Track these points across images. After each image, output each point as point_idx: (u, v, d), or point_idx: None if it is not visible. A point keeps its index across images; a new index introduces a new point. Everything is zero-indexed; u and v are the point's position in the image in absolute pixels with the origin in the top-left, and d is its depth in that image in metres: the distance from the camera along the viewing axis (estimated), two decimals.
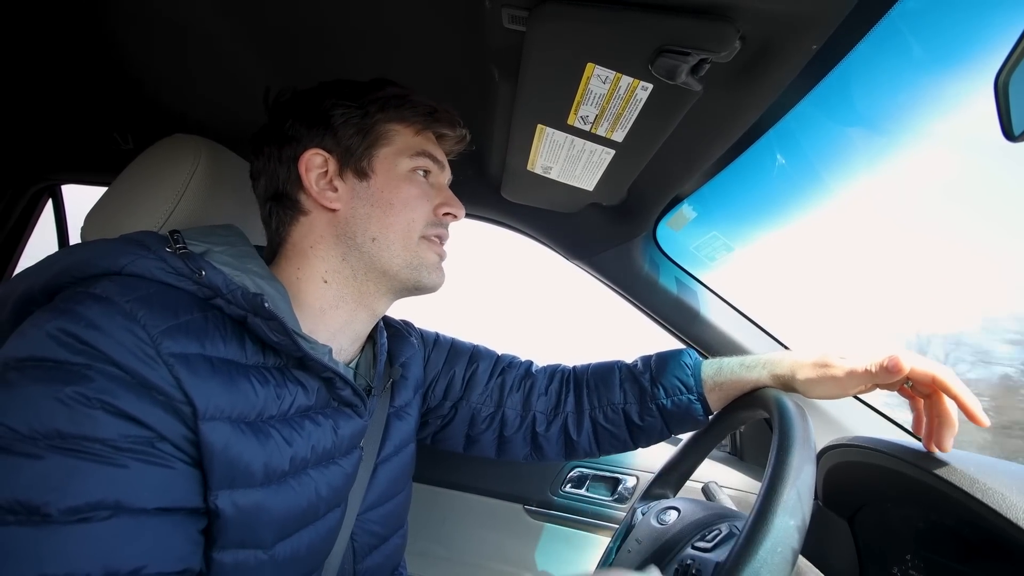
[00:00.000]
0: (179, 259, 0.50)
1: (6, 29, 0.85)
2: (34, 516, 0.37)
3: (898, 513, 0.64)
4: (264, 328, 0.50)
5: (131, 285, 0.46)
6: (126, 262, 0.48)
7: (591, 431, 0.79)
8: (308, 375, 0.55)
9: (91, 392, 0.40)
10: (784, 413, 0.54)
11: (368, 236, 0.61)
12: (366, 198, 0.61)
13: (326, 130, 0.61)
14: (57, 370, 0.40)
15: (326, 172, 0.61)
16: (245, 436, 0.47)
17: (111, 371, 0.41)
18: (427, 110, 0.65)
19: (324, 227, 0.61)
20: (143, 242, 0.50)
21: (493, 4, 0.54)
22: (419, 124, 0.65)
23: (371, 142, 0.62)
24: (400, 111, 0.64)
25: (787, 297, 1.49)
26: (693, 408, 0.73)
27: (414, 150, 0.64)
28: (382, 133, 0.63)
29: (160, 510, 0.42)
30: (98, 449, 0.40)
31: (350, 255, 0.61)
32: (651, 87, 0.59)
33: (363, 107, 0.62)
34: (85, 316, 0.42)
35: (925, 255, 2.52)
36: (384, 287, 0.63)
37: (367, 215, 0.61)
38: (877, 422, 1.00)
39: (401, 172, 0.63)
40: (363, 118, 0.62)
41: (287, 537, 0.52)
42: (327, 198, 0.60)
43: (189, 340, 0.46)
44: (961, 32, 0.64)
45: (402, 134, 0.64)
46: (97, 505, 0.39)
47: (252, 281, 0.53)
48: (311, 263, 0.61)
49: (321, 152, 0.61)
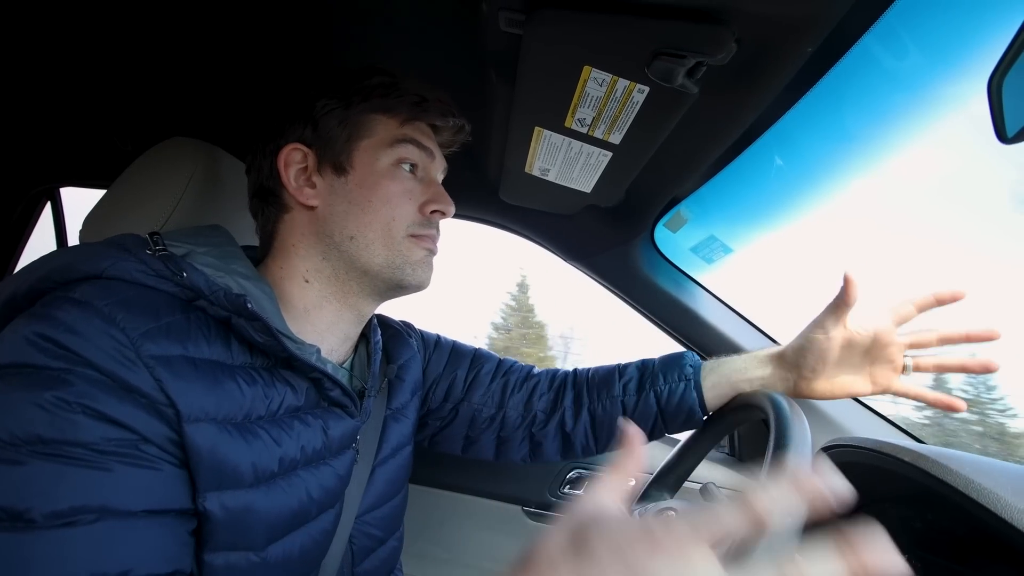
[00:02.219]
0: (159, 261, 0.49)
1: (5, 31, 0.85)
2: (18, 522, 0.36)
3: (895, 513, 0.64)
4: (248, 329, 0.49)
5: (111, 288, 0.46)
6: (106, 265, 0.47)
7: (588, 423, 0.78)
8: (296, 375, 0.54)
9: (71, 396, 0.40)
10: (779, 412, 0.54)
11: (346, 235, 0.59)
12: (343, 195, 0.59)
13: (307, 123, 0.59)
14: (36, 375, 0.40)
15: (305, 168, 0.59)
16: (232, 437, 0.47)
17: (91, 375, 0.41)
18: (415, 99, 0.61)
19: (304, 225, 0.60)
20: (123, 244, 0.50)
21: (490, 7, 0.55)
22: (405, 114, 0.61)
23: (351, 134, 0.59)
24: (385, 100, 0.60)
25: (785, 298, 1.49)
26: (689, 398, 0.72)
27: (396, 139, 0.60)
28: (364, 124, 0.60)
29: (147, 512, 0.42)
30: (80, 453, 0.39)
31: (330, 254, 0.59)
32: (647, 90, 0.59)
33: (346, 98, 0.60)
34: (64, 321, 0.42)
35: (920, 255, 2.54)
36: (367, 287, 0.61)
37: (344, 212, 0.59)
38: (875, 422, 1.00)
39: (382, 166, 0.60)
40: (346, 109, 0.59)
41: (279, 539, 0.51)
42: (304, 195, 0.59)
43: (170, 342, 0.45)
44: (955, 34, 0.64)
45: (386, 125, 0.61)
46: (81, 509, 0.38)
47: (235, 282, 0.52)
48: (292, 262, 0.60)
49: (300, 147, 0.59)
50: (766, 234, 1.07)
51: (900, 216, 7.92)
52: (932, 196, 7.82)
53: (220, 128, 0.94)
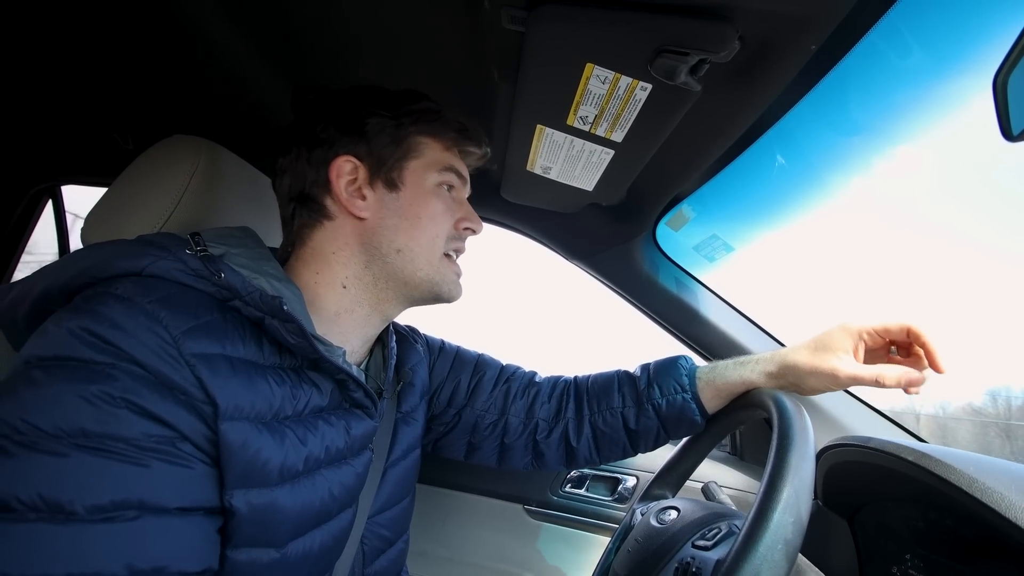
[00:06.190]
0: (199, 261, 0.50)
1: (6, 30, 0.85)
2: (58, 514, 0.37)
3: (898, 513, 0.64)
4: (281, 330, 0.50)
5: (151, 286, 0.47)
6: (146, 263, 0.48)
7: (591, 436, 0.79)
8: (322, 376, 0.56)
9: (116, 391, 0.40)
10: (782, 411, 0.54)
11: (394, 247, 0.61)
12: (395, 209, 0.62)
13: (360, 137, 0.61)
14: (82, 369, 0.41)
15: (355, 179, 0.61)
16: (262, 436, 0.48)
17: (135, 371, 0.42)
18: (458, 127, 0.66)
19: (349, 234, 0.61)
20: (162, 244, 0.51)
21: (492, 4, 0.55)
22: (449, 140, 0.66)
23: (403, 153, 0.63)
24: (433, 125, 0.64)
25: (787, 296, 1.49)
26: (688, 408, 0.73)
27: (442, 165, 0.65)
28: (414, 146, 0.63)
29: (180, 510, 0.42)
30: (122, 448, 0.40)
31: (373, 263, 0.62)
32: (650, 87, 0.59)
33: (398, 118, 0.63)
34: (109, 316, 0.43)
35: (923, 253, 2.54)
36: (403, 296, 0.64)
37: (395, 226, 0.61)
38: (877, 421, 1.00)
39: (429, 186, 0.63)
40: (397, 128, 0.62)
41: (300, 536, 0.52)
42: (356, 206, 0.61)
43: (210, 341, 0.46)
44: (959, 32, 0.64)
45: (432, 148, 0.65)
46: (122, 504, 0.39)
47: (269, 283, 0.53)
48: (332, 268, 0.61)
49: (352, 159, 0.61)
50: (768, 233, 1.06)
51: (902, 214, 7.74)
52: (932, 195, 7.64)
53: (221, 126, 0.94)
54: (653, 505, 0.69)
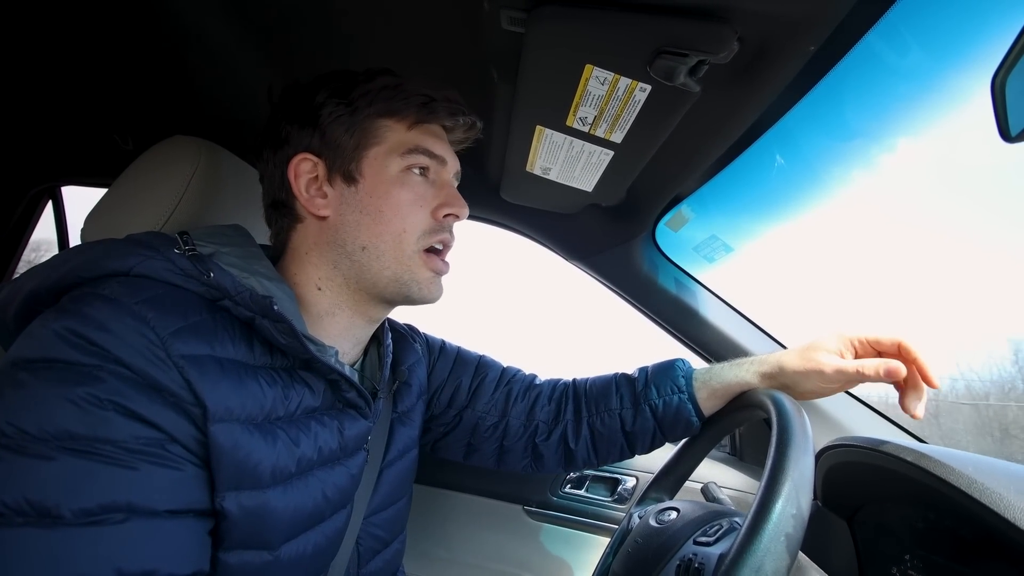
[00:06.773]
0: (187, 260, 0.49)
1: (6, 30, 0.85)
2: (45, 518, 0.36)
3: (897, 513, 0.64)
4: (272, 330, 0.49)
5: (139, 286, 0.46)
6: (134, 263, 0.47)
7: (588, 438, 0.79)
8: (314, 376, 0.55)
9: (103, 393, 0.40)
10: (780, 408, 0.54)
11: (358, 245, 0.58)
12: (355, 204, 0.58)
13: (314, 130, 0.58)
14: (68, 371, 0.40)
15: (316, 177, 0.58)
16: (253, 437, 0.47)
17: (122, 372, 0.41)
18: (421, 100, 0.59)
19: (316, 234, 0.59)
20: (150, 243, 0.50)
21: (492, 6, 0.55)
22: (413, 117, 0.60)
23: (359, 141, 0.58)
24: (391, 104, 0.58)
25: (786, 297, 1.49)
26: (684, 409, 0.73)
27: (406, 147, 0.59)
28: (372, 131, 0.58)
29: (170, 512, 0.42)
30: (109, 451, 0.39)
31: (341, 263, 0.59)
32: (649, 88, 0.59)
33: (351, 103, 0.58)
34: (95, 318, 0.42)
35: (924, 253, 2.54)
36: (376, 296, 0.61)
37: (356, 223, 0.58)
38: (876, 422, 1.00)
39: (391, 174, 0.58)
40: (352, 115, 0.58)
41: (293, 538, 0.52)
42: (316, 205, 0.58)
43: (199, 341, 0.46)
44: (958, 32, 0.64)
45: (394, 130, 0.59)
46: (109, 507, 0.38)
47: (260, 283, 0.52)
48: (306, 269, 0.60)
49: (310, 156, 0.58)
50: (768, 233, 1.07)
51: (901, 214, 7.79)
52: (932, 196, 7.67)
53: (222, 126, 0.94)
54: (652, 507, 0.69)
